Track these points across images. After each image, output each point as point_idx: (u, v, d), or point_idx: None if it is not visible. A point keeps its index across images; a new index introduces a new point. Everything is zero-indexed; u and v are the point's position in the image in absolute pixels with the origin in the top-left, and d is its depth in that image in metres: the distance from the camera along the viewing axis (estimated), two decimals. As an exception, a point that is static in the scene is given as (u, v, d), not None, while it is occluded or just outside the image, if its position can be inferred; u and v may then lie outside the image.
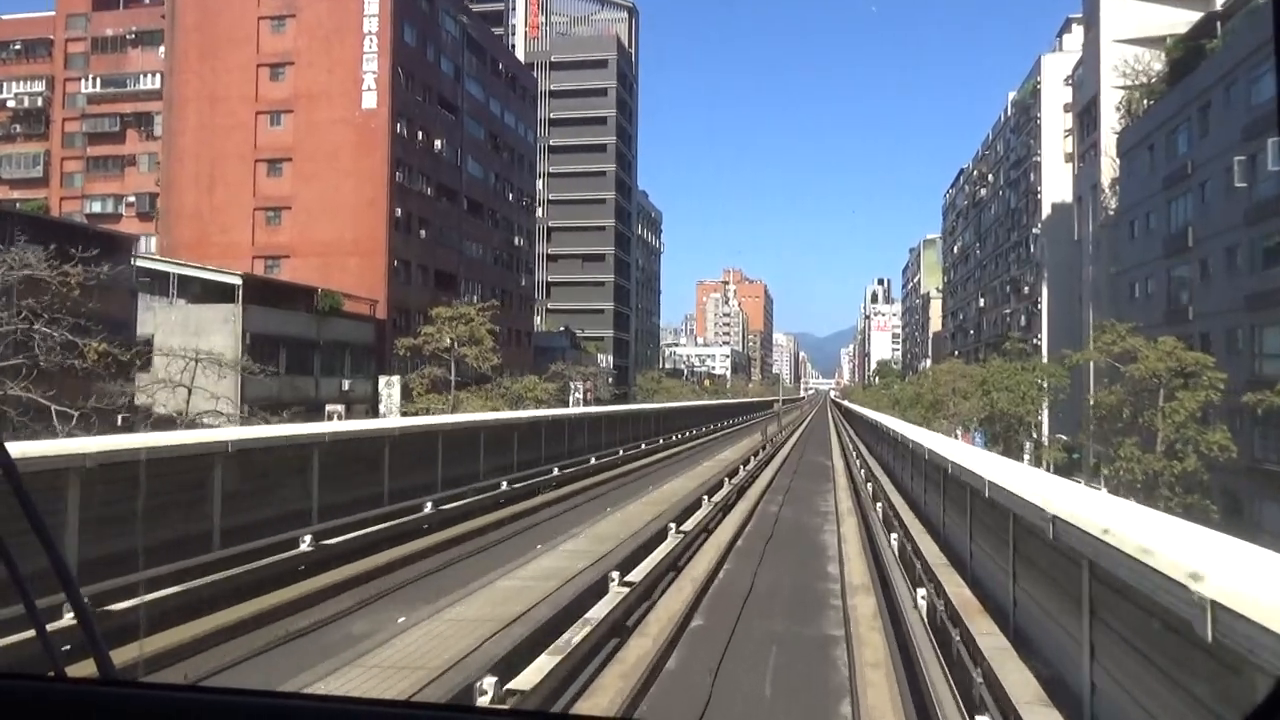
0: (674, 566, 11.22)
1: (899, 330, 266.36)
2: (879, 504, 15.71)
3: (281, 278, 50.32)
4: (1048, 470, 48.18)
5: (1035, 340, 69.43)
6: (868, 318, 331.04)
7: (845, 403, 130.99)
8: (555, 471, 21.77)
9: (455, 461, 16.34)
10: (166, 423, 26.33)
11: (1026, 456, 59.85)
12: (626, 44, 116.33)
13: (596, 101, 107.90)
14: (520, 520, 15.82)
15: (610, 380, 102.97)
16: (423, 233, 56.47)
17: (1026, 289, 73.15)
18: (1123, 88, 54.16)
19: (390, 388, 48.28)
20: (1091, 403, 37.87)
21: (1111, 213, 55.04)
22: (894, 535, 11.77)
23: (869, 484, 20.96)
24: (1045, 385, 54.14)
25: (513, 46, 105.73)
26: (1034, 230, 71.21)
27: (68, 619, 5.34)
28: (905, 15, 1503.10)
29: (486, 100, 67.29)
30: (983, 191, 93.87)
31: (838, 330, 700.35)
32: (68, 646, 4.07)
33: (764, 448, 35.14)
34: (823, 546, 14.73)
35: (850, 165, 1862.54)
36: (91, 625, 1.50)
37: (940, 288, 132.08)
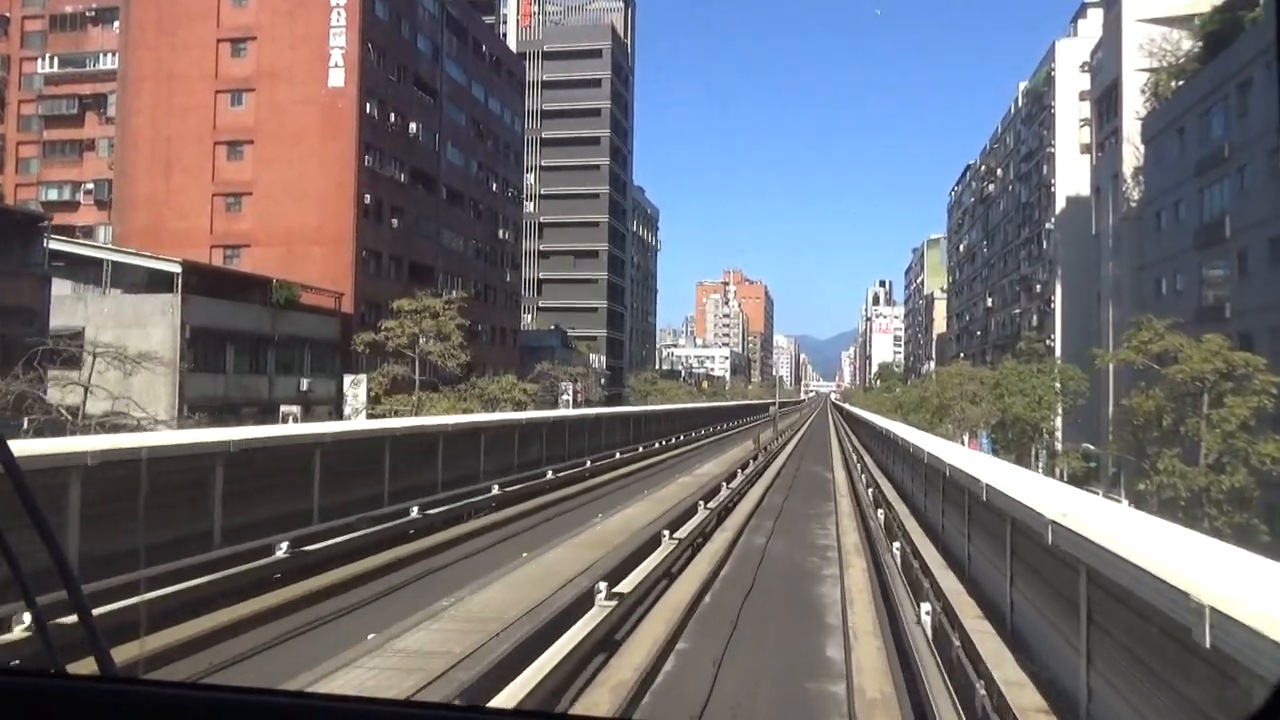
0: (578, 674, 7.44)
1: (901, 333, 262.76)
2: (896, 544, 11.96)
3: (241, 268, 46.61)
4: (1060, 479, 44.48)
5: (1048, 341, 65.64)
6: (869, 320, 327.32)
7: (846, 406, 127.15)
8: (495, 490, 18.00)
9: (345, 483, 12.52)
10: (56, 427, 22.63)
11: (1039, 465, 56.16)
12: (622, 34, 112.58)
13: (590, 93, 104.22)
14: (400, 570, 11.71)
15: (603, 381, 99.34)
16: (395, 221, 52.70)
17: (1038, 287, 69.35)
18: (1147, 70, 50.36)
19: (356, 387, 44.58)
20: (1122, 408, 34.01)
21: (1134, 204, 51.23)
22: (925, 608, 8.02)
23: (879, 510, 17.27)
24: (1059, 389, 50.38)
25: (504, 35, 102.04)
26: (1047, 225, 67.42)
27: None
28: (909, 14, 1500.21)
29: (468, 84, 63.53)
30: (991, 187, 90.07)
31: (839, 333, 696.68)
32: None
33: (755, 457, 31.39)
34: (819, 608, 10.96)
35: (852, 167, 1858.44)
36: (91, 622, 1.47)
37: (945, 288, 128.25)
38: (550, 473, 22.61)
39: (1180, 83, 45.86)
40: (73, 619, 1.46)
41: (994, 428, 52.67)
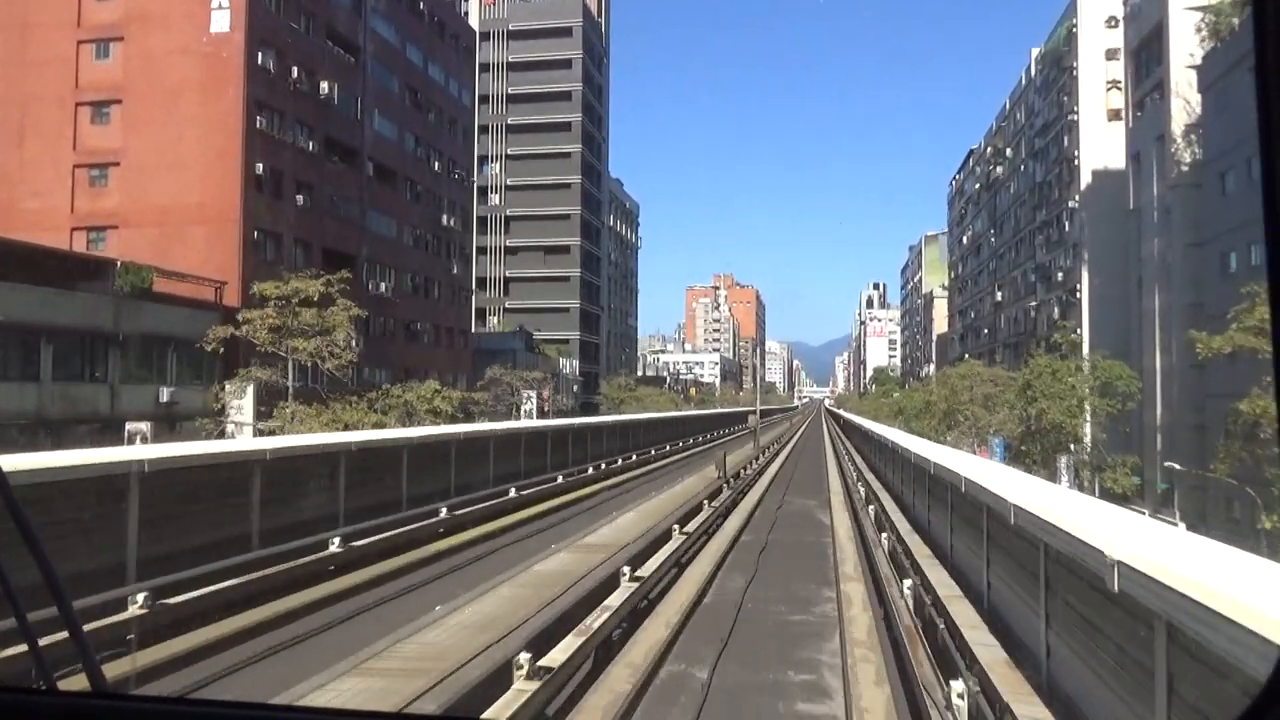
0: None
1: (897, 335, 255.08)
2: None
3: (107, 253, 37.84)
4: (1093, 494, 36.18)
5: (1073, 335, 57.17)
6: (863, 323, 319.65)
7: (841, 412, 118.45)
8: (333, 547, 12.70)
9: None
10: None
11: (1064, 478, 47.70)
12: (596, 13, 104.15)
13: (560, 75, 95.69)
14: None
15: (575, 388, 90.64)
16: (301, 198, 43.92)
17: (1060, 275, 60.89)
18: (1199, 8, 42.00)
19: (240, 397, 35.70)
20: (1236, 413, 25.24)
21: (1186, 168, 42.79)
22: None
23: (908, 582, 8.91)
24: (1089, 391, 41.80)
25: (466, 14, 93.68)
26: (1070, 204, 58.98)
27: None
28: (899, 11, 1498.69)
29: (402, 45, 54.86)
30: (999, 169, 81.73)
31: (832, 339, 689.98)
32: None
33: (728, 482, 22.73)
34: None
35: (843, 169, 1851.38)
36: (82, 638, 1.45)
37: (946, 285, 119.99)
38: (443, 509, 14.73)
39: (1240, 21, 37.51)
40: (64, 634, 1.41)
41: (1022, 437, 44.01)
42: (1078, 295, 57.83)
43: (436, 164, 59.02)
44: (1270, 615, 3.14)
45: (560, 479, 24.71)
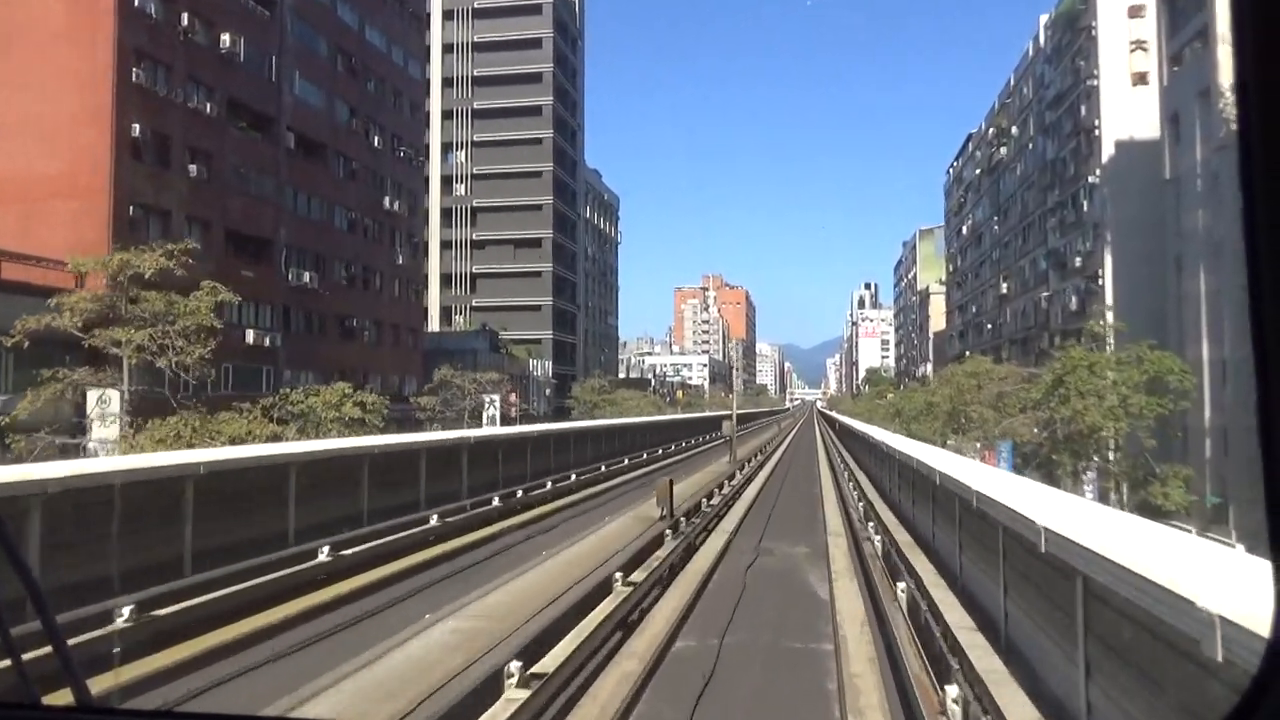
0: None
1: (890, 335, 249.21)
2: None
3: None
4: (1130, 512, 29.91)
5: (1100, 325, 50.76)
6: (855, 324, 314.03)
7: (835, 415, 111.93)
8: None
9: None
10: None
11: (1089, 489, 41.31)
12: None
13: (530, 55, 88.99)
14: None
15: (548, 392, 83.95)
16: (196, 169, 37.12)
17: (1078, 261, 54.48)
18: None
19: (105, 405, 28.89)
20: None
21: (1234, 126, 36.24)
22: None
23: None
24: (1111, 388, 35.30)
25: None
26: (1089, 179, 52.59)
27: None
28: (891, 4, 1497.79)
29: (332, 2, 48.15)
30: (1003, 150, 75.38)
31: (823, 341, 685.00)
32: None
33: (677, 525, 16.05)
34: None
35: (832, 174, 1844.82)
36: (66, 652, 1.44)
37: (944, 279, 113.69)
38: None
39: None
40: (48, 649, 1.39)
41: (1048, 443, 37.47)
42: (1100, 282, 51.42)
43: (377, 139, 52.24)
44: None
45: (468, 507, 18.19)
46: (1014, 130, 71.74)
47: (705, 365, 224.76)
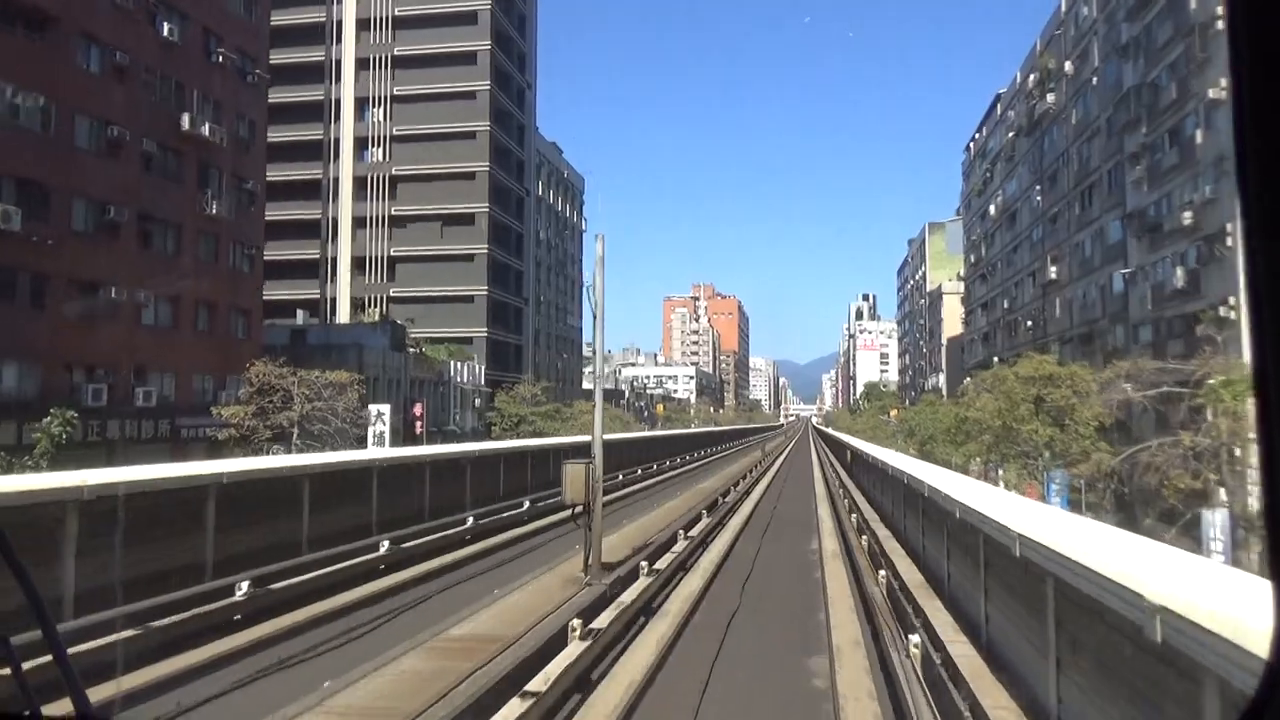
0: None
1: (889, 348, 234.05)
2: None
3: None
4: None
5: (1223, 309, 34.51)
6: (852, 337, 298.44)
7: (832, 432, 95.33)
8: None
9: None
10: None
11: (1216, 542, 25.46)
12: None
13: (463, -10, 72.67)
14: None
15: (476, 402, 67.28)
16: None
17: (1186, 218, 38.06)
18: None
19: None
20: None
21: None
22: None
23: None
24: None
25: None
26: (1208, 95, 36.19)
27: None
28: (885, 12, 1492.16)
29: None
30: (1049, 98, 59.28)
31: (819, 356, 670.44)
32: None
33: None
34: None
35: (827, 188, 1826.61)
36: (66, 662, 1.44)
37: (964, 274, 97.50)
38: None
39: None
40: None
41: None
42: (1228, 243, 35.03)
43: (173, 30, 35.74)
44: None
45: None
46: (1068, 67, 55.60)
47: (692, 377, 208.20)
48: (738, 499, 27.62)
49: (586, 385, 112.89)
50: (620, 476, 33.04)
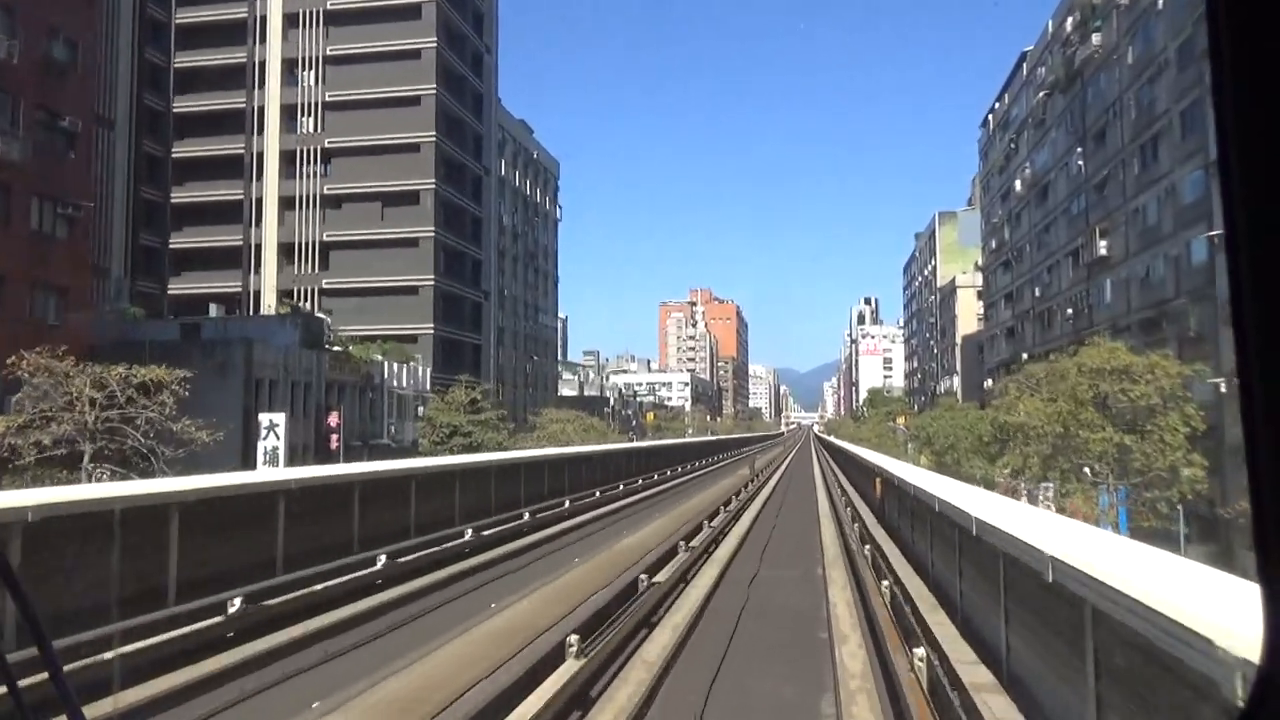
0: None
1: (893, 353, 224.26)
2: None
3: None
4: None
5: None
6: (854, 342, 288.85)
7: (837, 441, 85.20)
8: None
9: None
10: None
11: None
12: None
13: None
14: None
15: (420, 410, 57.13)
16: None
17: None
18: None
19: None
20: None
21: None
22: None
23: None
24: None
25: None
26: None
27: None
28: (886, 22, 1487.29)
29: None
30: (1095, 39, 49.42)
31: (820, 364, 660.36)
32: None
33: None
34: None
35: (827, 198, 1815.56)
36: (62, 679, 1.43)
37: (981, 263, 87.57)
38: None
39: None
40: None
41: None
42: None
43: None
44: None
45: None
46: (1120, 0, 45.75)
47: (687, 384, 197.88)
48: (679, 578, 15.83)
49: (566, 391, 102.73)
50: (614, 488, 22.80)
